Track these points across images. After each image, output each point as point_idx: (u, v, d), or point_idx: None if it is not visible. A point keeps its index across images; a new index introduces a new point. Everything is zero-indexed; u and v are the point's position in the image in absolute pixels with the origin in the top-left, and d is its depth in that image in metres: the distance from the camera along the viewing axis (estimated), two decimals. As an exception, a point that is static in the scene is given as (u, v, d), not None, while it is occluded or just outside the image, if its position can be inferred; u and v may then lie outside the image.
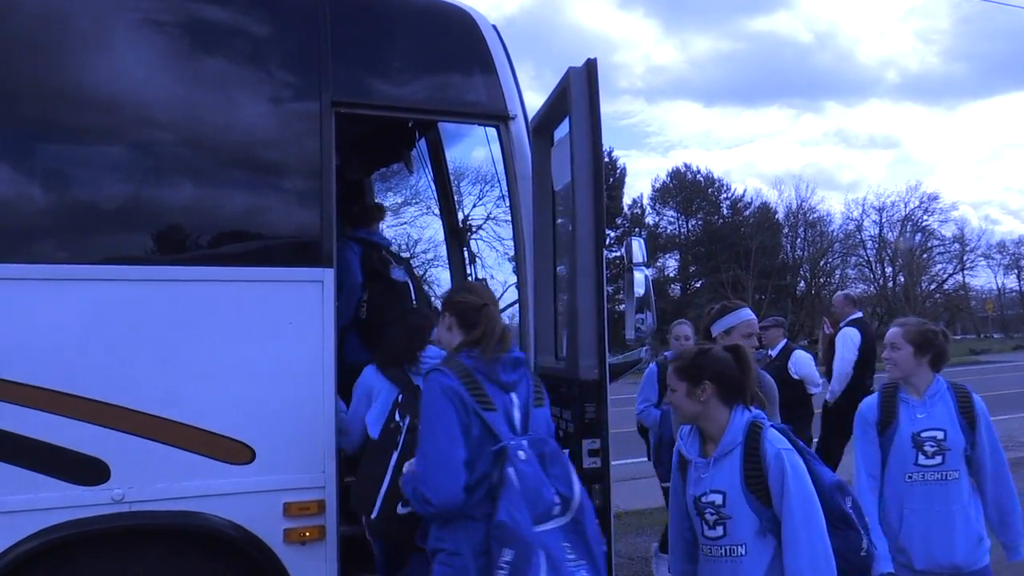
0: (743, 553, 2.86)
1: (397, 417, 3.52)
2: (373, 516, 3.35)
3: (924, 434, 3.60)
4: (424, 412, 2.82)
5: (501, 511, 2.66)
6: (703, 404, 2.98)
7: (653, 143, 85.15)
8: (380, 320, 4.39)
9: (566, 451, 3.07)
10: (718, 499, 2.89)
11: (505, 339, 2.97)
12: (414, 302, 4.81)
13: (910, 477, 3.60)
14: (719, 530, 2.90)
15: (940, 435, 3.58)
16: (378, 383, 3.84)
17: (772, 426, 2.95)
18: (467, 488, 2.73)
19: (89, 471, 3.18)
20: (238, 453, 3.36)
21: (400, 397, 3.64)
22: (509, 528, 2.63)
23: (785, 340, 7.50)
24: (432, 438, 2.77)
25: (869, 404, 3.79)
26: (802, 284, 52.96)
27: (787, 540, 2.77)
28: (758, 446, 2.87)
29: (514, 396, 2.91)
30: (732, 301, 4.21)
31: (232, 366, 3.38)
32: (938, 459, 3.56)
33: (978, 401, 3.69)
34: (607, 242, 3.72)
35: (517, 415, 2.90)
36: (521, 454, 2.75)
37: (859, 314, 7.92)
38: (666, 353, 6.24)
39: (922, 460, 3.57)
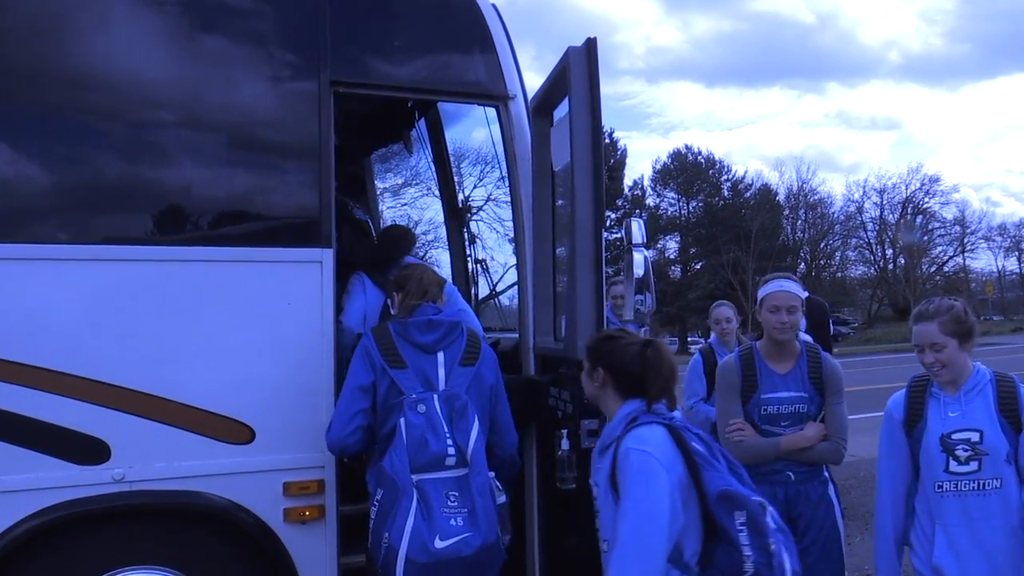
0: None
1: None
2: None
3: (955, 436, 3.05)
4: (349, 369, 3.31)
5: (384, 457, 3.07)
6: (601, 390, 2.75)
7: (654, 124, 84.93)
8: (352, 257, 4.41)
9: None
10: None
11: (426, 295, 3.40)
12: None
13: (940, 487, 3.05)
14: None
15: (975, 436, 3.03)
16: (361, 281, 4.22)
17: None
18: (377, 437, 3.18)
19: (90, 451, 3.19)
20: (238, 433, 3.37)
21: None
22: (386, 472, 3.03)
23: None
24: (342, 392, 3.27)
25: (896, 400, 3.27)
26: (802, 266, 52.97)
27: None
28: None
29: (439, 356, 3.26)
30: (774, 272, 4.14)
31: (232, 346, 3.38)
32: (973, 465, 3.01)
33: None
34: (608, 224, 3.71)
35: (441, 372, 3.23)
36: (421, 407, 3.08)
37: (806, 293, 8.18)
38: (710, 340, 5.83)
39: (954, 466, 3.04)
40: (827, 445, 3.60)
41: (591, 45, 3.49)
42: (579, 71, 3.48)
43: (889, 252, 54.73)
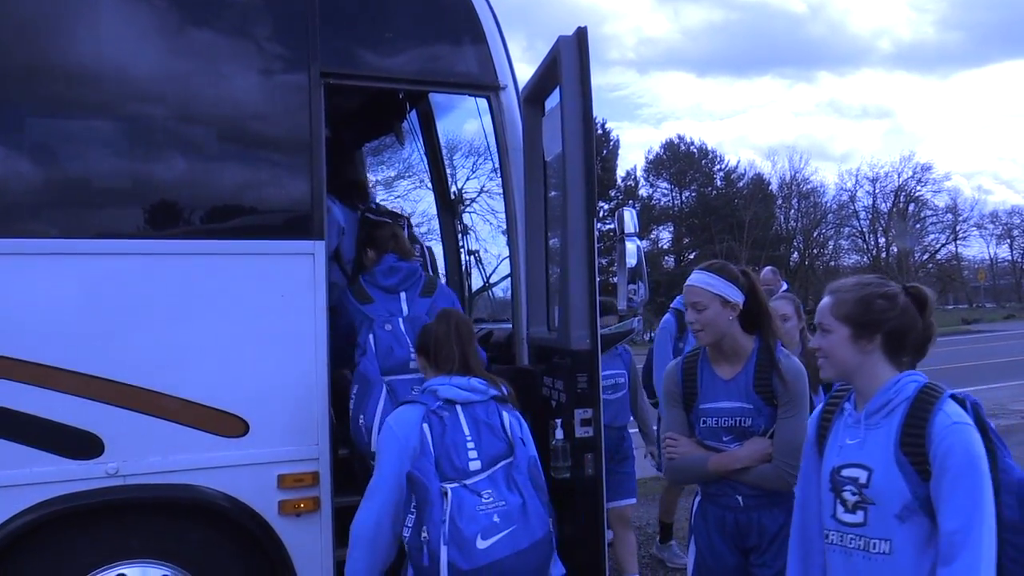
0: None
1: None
2: None
3: (845, 472, 2.31)
4: None
5: (360, 363, 3.70)
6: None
7: (645, 115, 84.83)
8: None
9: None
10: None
11: (399, 251, 4.03)
12: None
13: (827, 536, 2.36)
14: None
15: (863, 476, 2.26)
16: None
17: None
18: (356, 356, 3.78)
19: (83, 445, 3.18)
20: (231, 426, 3.37)
21: None
22: (360, 372, 3.68)
23: None
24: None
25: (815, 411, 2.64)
26: (796, 255, 53.07)
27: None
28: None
29: (402, 295, 3.90)
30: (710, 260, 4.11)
31: (225, 339, 3.38)
32: (859, 515, 2.26)
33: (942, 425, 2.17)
34: (601, 214, 3.71)
35: (404, 307, 3.87)
36: (388, 326, 3.77)
37: (786, 286, 8.21)
38: None
39: (840, 513, 2.31)
40: (767, 468, 2.86)
41: (582, 35, 3.49)
42: (570, 61, 3.48)
43: (882, 241, 54.88)
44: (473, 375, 3.05)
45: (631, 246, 3.80)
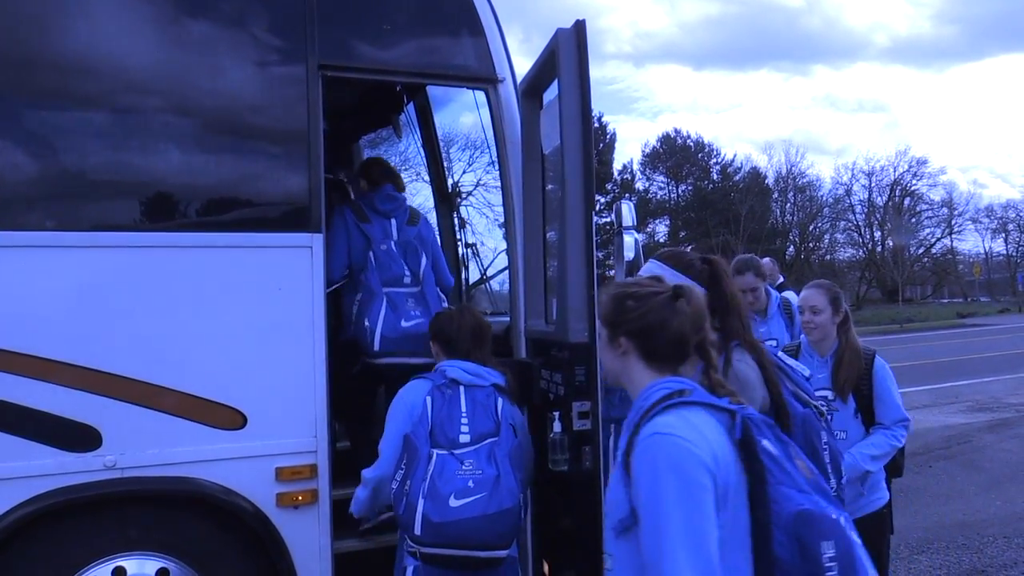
0: None
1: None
2: None
3: None
4: None
5: (362, 276, 4.23)
6: None
7: (641, 108, 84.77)
8: None
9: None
10: None
11: (392, 182, 4.50)
12: None
13: None
14: None
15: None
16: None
17: None
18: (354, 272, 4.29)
19: (81, 438, 3.18)
20: (230, 419, 3.37)
21: None
22: (363, 282, 4.21)
23: None
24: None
25: None
26: (791, 248, 53.16)
27: None
28: None
29: (392, 220, 4.37)
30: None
31: (223, 332, 3.38)
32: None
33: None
34: (597, 208, 3.73)
35: (394, 232, 4.35)
36: (383, 247, 4.26)
37: (782, 279, 8.28)
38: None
39: None
40: None
41: (580, 27, 3.47)
42: (568, 53, 3.47)
43: (877, 235, 54.96)
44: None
45: (629, 239, 3.79)
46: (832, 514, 1.74)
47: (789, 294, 7.39)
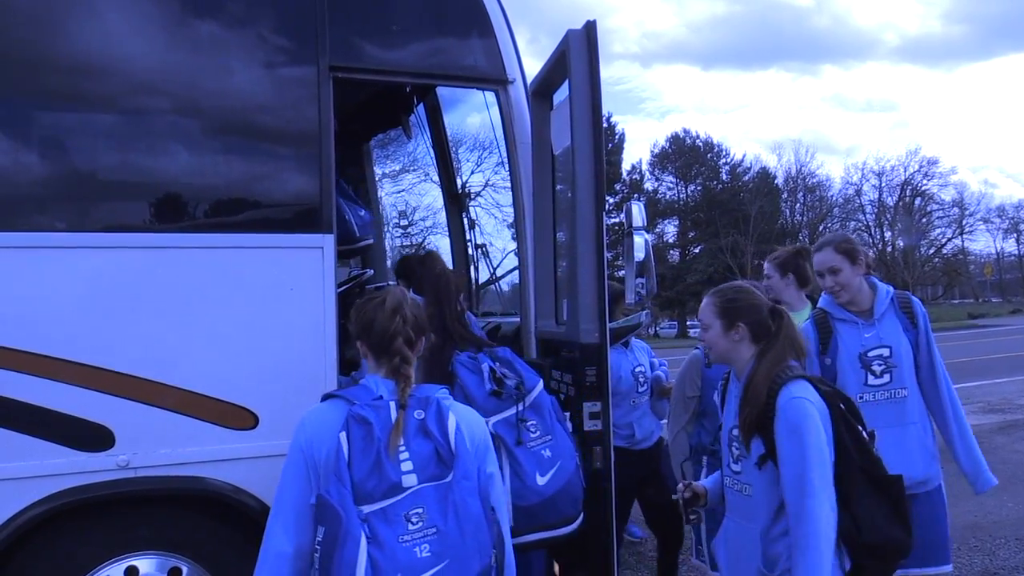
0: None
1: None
2: None
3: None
4: None
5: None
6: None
7: (649, 108, 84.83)
8: None
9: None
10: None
11: None
12: None
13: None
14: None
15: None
16: None
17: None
18: None
19: (94, 438, 3.20)
20: (241, 418, 3.38)
21: None
22: None
23: None
24: None
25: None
26: (801, 249, 52.95)
27: None
28: None
29: None
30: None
31: (234, 333, 3.39)
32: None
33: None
34: (606, 208, 3.73)
35: None
36: None
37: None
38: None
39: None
40: None
41: (591, 28, 3.48)
42: (579, 54, 3.48)
43: (888, 235, 54.74)
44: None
45: (639, 240, 3.80)
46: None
47: None
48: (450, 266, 5.74)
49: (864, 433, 2.66)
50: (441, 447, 2.22)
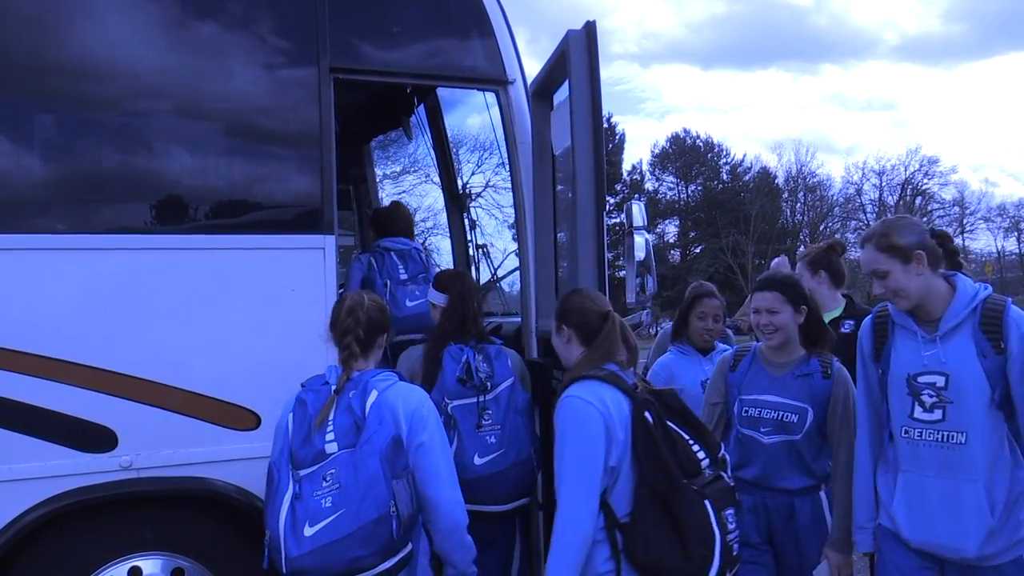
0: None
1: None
2: None
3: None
4: None
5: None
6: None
7: (649, 108, 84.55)
8: None
9: None
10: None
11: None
12: None
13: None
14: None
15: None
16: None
17: None
18: None
19: (97, 439, 3.21)
20: (244, 419, 3.39)
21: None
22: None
23: None
24: None
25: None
26: (802, 248, 52.91)
27: None
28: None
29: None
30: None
31: (236, 333, 3.40)
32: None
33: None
34: (607, 208, 3.74)
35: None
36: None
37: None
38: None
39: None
40: None
41: (591, 28, 3.49)
42: (579, 54, 3.48)
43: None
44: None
45: (639, 240, 3.80)
46: None
47: None
48: (450, 267, 5.77)
49: (693, 444, 2.61)
50: (359, 420, 2.65)
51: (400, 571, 2.58)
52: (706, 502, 2.51)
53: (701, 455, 2.63)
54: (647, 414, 2.55)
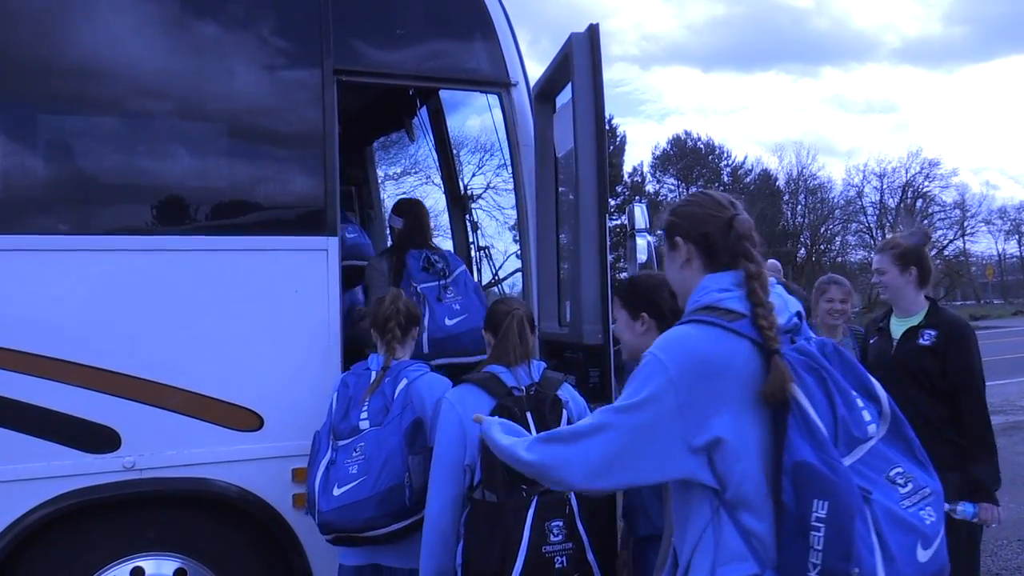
0: None
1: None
2: None
3: None
4: None
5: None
6: None
7: (649, 111, 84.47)
8: None
9: None
10: None
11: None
12: None
13: None
14: None
15: None
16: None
17: None
18: None
19: (100, 439, 3.22)
20: (247, 420, 3.40)
21: None
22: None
23: None
24: None
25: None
26: (803, 251, 52.94)
27: None
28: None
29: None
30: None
31: (239, 334, 3.41)
32: None
33: None
34: (609, 210, 3.76)
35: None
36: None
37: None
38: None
39: None
40: None
41: (593, 31, 3.50)
42: (582, 57, 3.49)
43: (889, 236, 54.66)
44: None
45: (642, 242, 3.81)
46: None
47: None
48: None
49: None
50: (388, 402, 3.06)
51: (411, 533, 2.92)
52: (529, 511, 2.58)
53: None
54: (498, 419, 2.56)
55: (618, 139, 49.74)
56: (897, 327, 3.75)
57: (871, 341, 3.93)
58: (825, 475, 1.65)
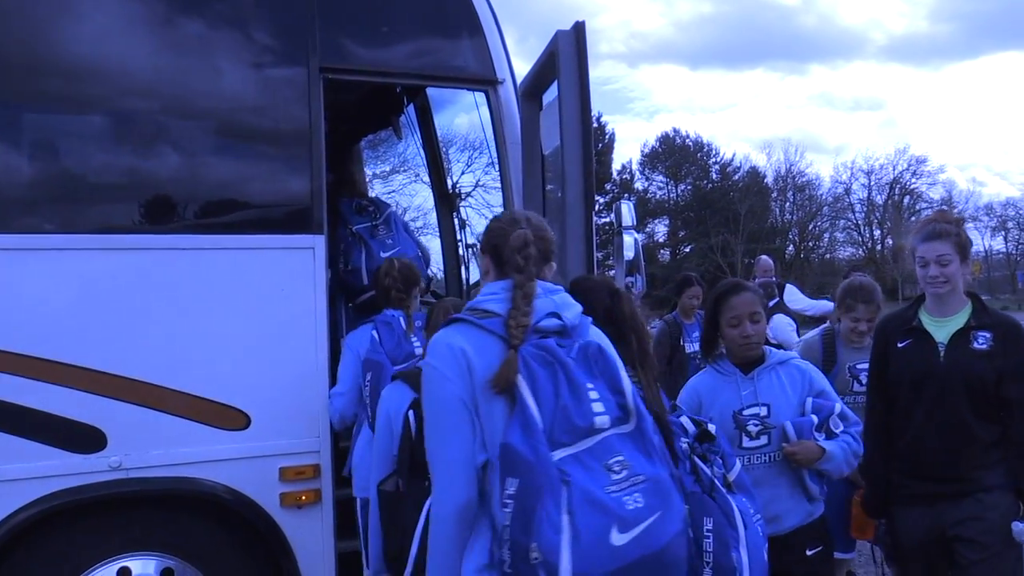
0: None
1: None
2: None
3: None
4: None
5: None
6: None
7: (637, 108, 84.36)
8: None
9: None
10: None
11: None
12: None
13: None
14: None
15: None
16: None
17: None
18: None
19: (86, 439, 3.21)
20: (233, 419, 3.39)
21: None
22: None
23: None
24: None
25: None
26: (791, 248, 53.15)
27: None
28: None
29: None
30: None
31: (226, 333, 3.40)
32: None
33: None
34: (596, 208, 3.80)
35: None
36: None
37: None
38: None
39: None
40: None
41: (579, 29, 3.50)
42: (568, 54, 3.50)
43: (877, 233, 54.94)
44: None
45: (629, 239, 3.81)
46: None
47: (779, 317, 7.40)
48: (440, 266, 5.77)
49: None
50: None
51: None
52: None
53: None
54: (410, 412, 2.67)
55: (607, 137, 49.77)
56: (938, 329, 3.10)
57: (899, 345, 3.16)
58: (522, 456, 1.80)
